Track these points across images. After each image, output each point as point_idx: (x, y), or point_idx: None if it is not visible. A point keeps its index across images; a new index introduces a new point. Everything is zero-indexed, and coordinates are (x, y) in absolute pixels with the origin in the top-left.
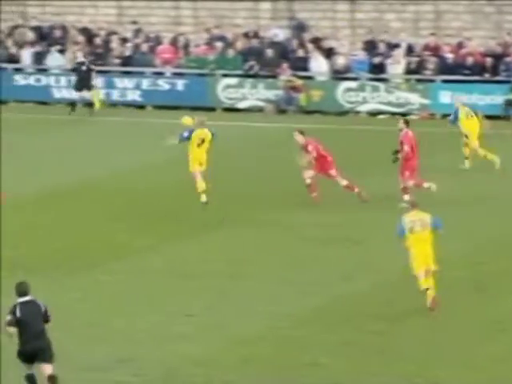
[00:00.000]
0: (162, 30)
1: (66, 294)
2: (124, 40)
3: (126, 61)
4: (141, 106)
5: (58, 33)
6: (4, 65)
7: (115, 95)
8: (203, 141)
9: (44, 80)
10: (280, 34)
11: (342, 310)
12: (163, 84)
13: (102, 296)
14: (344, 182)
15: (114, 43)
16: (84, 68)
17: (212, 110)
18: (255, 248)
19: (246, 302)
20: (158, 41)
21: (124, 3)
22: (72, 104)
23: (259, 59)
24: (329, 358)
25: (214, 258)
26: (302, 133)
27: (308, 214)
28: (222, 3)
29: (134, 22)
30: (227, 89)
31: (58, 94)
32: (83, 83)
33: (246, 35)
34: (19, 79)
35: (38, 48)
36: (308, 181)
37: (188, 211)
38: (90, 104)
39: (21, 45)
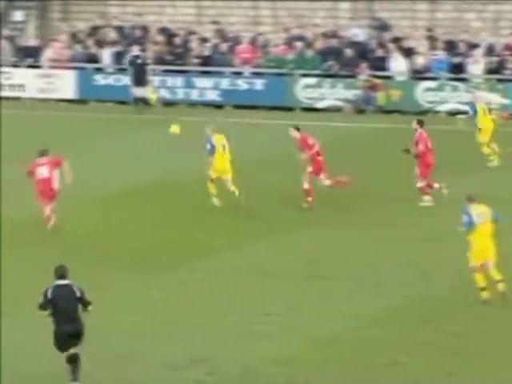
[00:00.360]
0: (241, 29)
1: (147, 293)
2: (203, 40)
3: (206, 60)
4: (219, 106)
5: (138, 33)
6: (84, 64)
7: (194, 95)
8: (224, 146)
9: (124, 79)
10: (359, 33)
11: (420, 310)
12: (242, 84)
13: (183, 295)
14: (327, 182)
15: (194, 43)
16: (139, 61)
17: (290, 109)
18: (334, 248)
19: (325, 301)
20: (237, 41)
21: (203, 3)
22: (143, 101)
23: (338, 59)
24: (407, 358)
25: (293, 258)
26: (297, 129)
27: (384, 213)
28: (301, 3)
29: (215, 22)
30: (306, 88)
31: (137, 94)
32: (138, 78)
33: (325, 35)
34: (99, 79)
35: (118, 48)
36: (306, 186)
37: (267, 210)
38: (144, 100)
39: (101, 44)
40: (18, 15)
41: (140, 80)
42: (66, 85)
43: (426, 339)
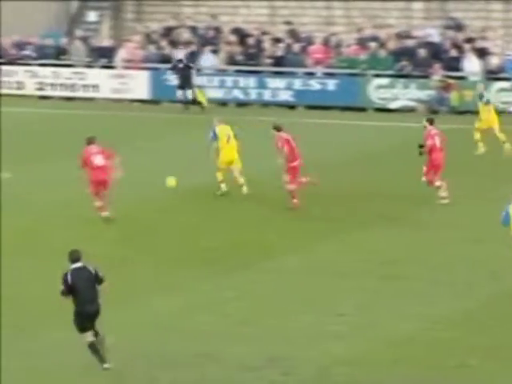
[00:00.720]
0: (314, 30)
1: (220, 293)
2: (276, 40)
3: (278, 61)
4: (292, 106)
5: (211, 33)
6: (157, 65)
7: (267, 95)
8: (229, 137)
9: (197, 80)
10: (433, 33)
11: (493, 311)
12: (315, 84)
13: (255, 295)
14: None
15: (266, 43)
16: (181, 66)
17: (363, 110)
18: (406, 248)
19: (397, 302)
20: (309, 41)
21: (276, 3)
22: (190, 103)
23: (411, 59)
24: (478, 360)
25: (366, 258)
26: (275, 128)
27: (453, 214)
28: (375, 3)
29: (288, 23)
30: (379, 89)
31: (210, 94)
32: (183, 82)
33: (398, 35)
34: (172, 79)
35: (191, 48)
36: (290, 187)
37: (339, 210)
38: (192, 102)
39: (174, 45)
40: (91, 16)
41: (185, 83)
42: (139, 85)
43: (500, 341)
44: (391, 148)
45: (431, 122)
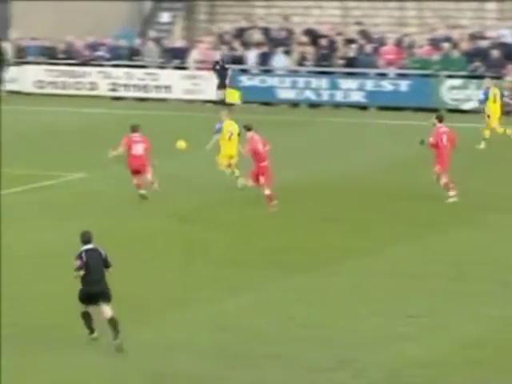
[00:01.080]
0: (387, 30)
1: (283, 295)
2: (349, 41)
3: (351, 62)
4: (364, 107)
5: (283, 34)
6: (230, 66)
7: (339, 96)
8: (232, 134)
9: (269, 81)
10: (506, 34)
11: None
12: (387, 85)
13: (325, 296)
14: (267, 192)
15: (339, 44)
16: (218, 67)
17: (435, 111)
18: (478, 249)
19: (470, 304)
20: (382, 42)
21: (349, 4)
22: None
23: (484, 60)
24: None
25: (438, 260)
26: (245, 127)
27: None
28: (448, 3)
29: (360, 24)
30: (451, 90)
31: (282, 95)
32: (219, 82)
33: (471, 36)
34: (244, 80)
35: (263, 49)
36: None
37: (412, 211)
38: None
39: (246, 46)
40: (165, 16)
41: (220, 84)
42: (211, 86)
43: None
44: (463, 149)
45: (440, 119)
